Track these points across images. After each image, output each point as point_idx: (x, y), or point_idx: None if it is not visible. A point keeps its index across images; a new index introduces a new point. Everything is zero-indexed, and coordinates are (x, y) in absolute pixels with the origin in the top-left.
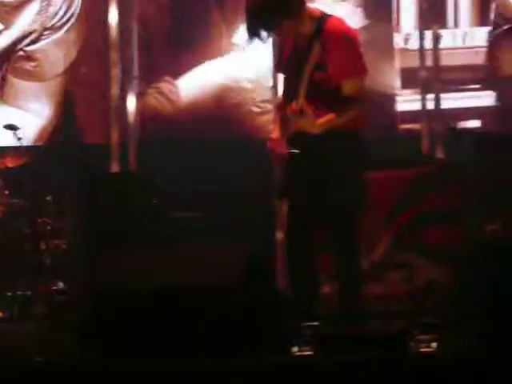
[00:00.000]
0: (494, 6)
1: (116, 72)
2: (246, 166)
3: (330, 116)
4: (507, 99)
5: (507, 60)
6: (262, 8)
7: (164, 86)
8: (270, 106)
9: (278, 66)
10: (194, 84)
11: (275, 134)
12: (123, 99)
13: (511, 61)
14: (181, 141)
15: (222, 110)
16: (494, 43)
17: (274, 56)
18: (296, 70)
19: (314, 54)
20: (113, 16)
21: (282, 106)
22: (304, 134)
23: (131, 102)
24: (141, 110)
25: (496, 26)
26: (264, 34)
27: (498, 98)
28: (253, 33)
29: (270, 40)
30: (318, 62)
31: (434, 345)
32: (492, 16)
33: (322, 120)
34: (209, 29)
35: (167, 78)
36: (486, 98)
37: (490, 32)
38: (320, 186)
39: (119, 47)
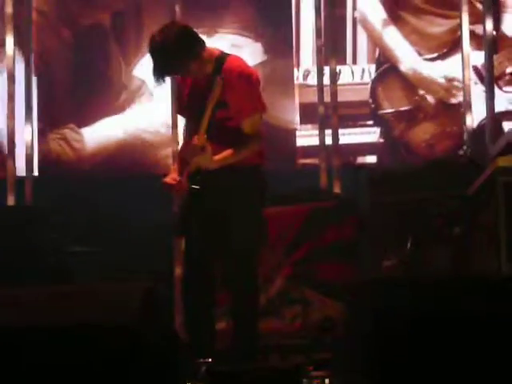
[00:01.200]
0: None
1: (13, 106)
2: (144, 202)
3: (227, 152)
4: (392, 134)
5: (388, 96)
6: (163, 51)
7: (68, 132)
8: (167, 142)
9: (178, 106)
10: (98, 133)
11: (174, 171)
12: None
13: (392, 97)
14: (80, 179)
15: (125, 154)
16: (377, 80)
17: (172, 96)
18: (196, 107)
19: (214, 92)
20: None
21: (183, 144)
22: (202, 170)
23: (30, 139)
24: (42, 151)
25: (379, 63)
26: (166, 75)
27: (384, 133)
28: (156, 75)
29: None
30: (219, 100)
31: (327, 381)
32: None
33: (218, 156)
34: (108, 64)
35: (72, 125)
36: (378, 134)
37: (376, 69)
38: (218, 221)
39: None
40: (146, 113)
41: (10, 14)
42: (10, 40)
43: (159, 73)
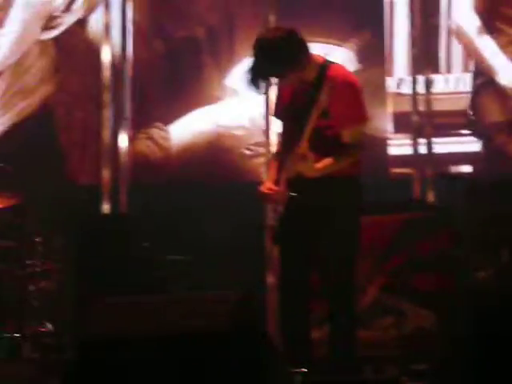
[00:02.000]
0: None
1: (108, 114)
2: (237, 209)
3: (328, 161)
4: (493, 145)
5: (487, 107)
6: (268, 60)
7: (155, 131)
8: (261, 150)
9: (277, 112)
10: (185, 130)
11: (270, 179)
12: (115, 141)
13: (491, 108)
14: (172, 185)
15: (213, 156)
16: (476, 91)
17: (266, 101)
18: (298, 115)
19: (318, 101)
20: (106, 58)
21: (279, 151)
22: (302, 179)
23: (123, 145)
24: (132, 154)
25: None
26: (264, 83)
27: (483, 144)
28: (253, 82)
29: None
30: (322, 109)
31: None
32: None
33: (320, 165)
34: (201, 73)
35: (158, 123)
36: (476, 144)
37: (472, 79)
38: (315, 230)
39: (111, 89)
40: (235, 117)
41: (106, 23)
42: (106, 48)
43: (257, 77)
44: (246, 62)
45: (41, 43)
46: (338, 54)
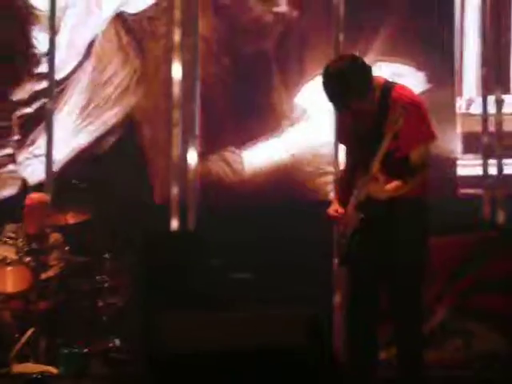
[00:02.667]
0: None
1: (178, 132)
2: (303, 228)
3: (398, 183)
4: None
5: None
6: (337, 91)
7: (228, 155)
8: (330, 168)
9: (340, 134)
10: (257, 154)
11: (336, 201)
12: (184, 159)
13: None
14: (241, 206)
15: (286, 180)
16: None
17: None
18: (365, 138)
19: (391, 124)
20: (176, 75)
21: (345, 174)
22: (372, 201)
23: (192, 163)
24: (203, 174)
25: None
26: (342, 107)
27: None
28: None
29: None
30: (395, 131)
31: None
32: None
33: (391, 187)
34: (270, 92)
35: (231, 147)
36: None
37: None
38: (386, 251)
39: (182, 107)
40: (306, 139)
41: (177, 42)
42: (177, 67)
43: (336, 103)
44: (315, 81)
45: (123, 52)
46: (407, 74)
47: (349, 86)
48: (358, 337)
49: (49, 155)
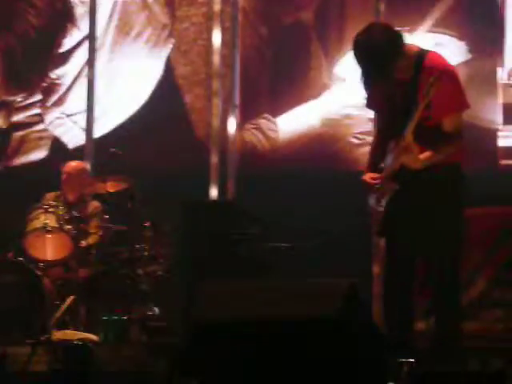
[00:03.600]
0: None
1: (218, 101)
2: (343, 198)
3: (431, 152)
4: None
5: None
6: (366, 57)
7: (263, 122)
8: (369, 138)
9: (370, 102)
10: (293, 121)
11: (369, 168)
12: (224, 129)
13: None
14: (279, 173)
15: (321, 147)
16: None
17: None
18: (397, 106)
19: (427, 93)
20: (216, 45)
21: (377, 142)
22: (406, 170)
23: (231, 132)
24: (239, 143)
25: None
26: (374, 78)
27: None
28: (364, 77)
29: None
30: (428, 100)
31: None
32: None
33: (424, 156)
34: (309, 62)
35: (267, 115)
36: None
37: None
38: (422, 219)
39: (221, 76)
40: (343, 108)
41: (217, 11)
42: (217, 36)
43: (367, 75)
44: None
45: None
46: (449, 44)
47: (377, 52)
48: (395, 306)
49: (89, 122)
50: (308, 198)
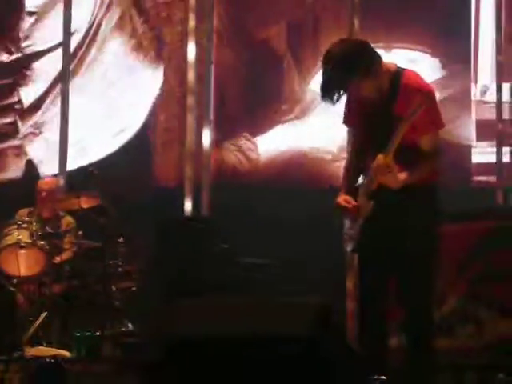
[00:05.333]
0: None
1: (192, 118)
2: (317, 215)
3: (411, 171)
4: None
5: None
6: (337, 68)
7: (243, 142)
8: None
9: (348, 119)
10: (271, 142)
11: (345, 189)
12: (199, 145)
13: None
14: (253, 188)
15: (298, 165)
16: None
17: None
18: (374, 124)
19: (412, 114)
20: (190, 62)
21: (352, 160)
22: (385, 189)
23: (206, 149)
24: (218, 161)
25: None
26: (338, 93)
27: None
28: (327, 92)
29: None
30: (410, 121)
31: None
32: None
33: (404, 175)
34: (283, 77)
35: (246, 134)
36: None
37: None
38: (394, 239)
39: (195, 93)
40: (320, 125)
41: (192, 27)
42: (192, 53)
43: (331, 90)
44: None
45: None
46: (422, 60)
47: (352, 62)
48: (369, 323)
49: (63, 140)
50: (283, 215)
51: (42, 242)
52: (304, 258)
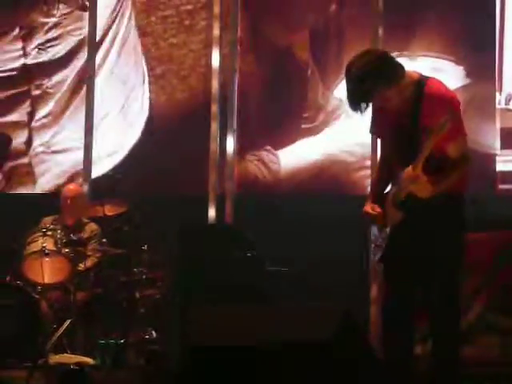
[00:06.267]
0: None
1: (216, 126)
2: (343, 221)
3: (439, 180)
4: None
5: None
6: (360, 80)
7: (265, 155)
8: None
9: (374, 128)
10: (293, 155)
11: (372, 198)
12: (222, 154)
13: None
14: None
15: (321, 177)
16: None
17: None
18: (402, 135)
19: (443, 126)
20: (214, 70)
21: (381, 170)
22: (414, 198)
23: (230, 158)
24: (241, 171)
25: None
26: (364, 104)
27: None
28: (353, 104)
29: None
30: (440, 134)
31: None
32: None
33: (433, 185)
34: (307, 93)
35: (268, 147)
36: None
37: None
38: (425, 247)
39: (219, 102)
40: (344, 133)
41: (216, 35)
42: (216, 61)
43: (356, 101)
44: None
45: None
46: (447, 69)
47: (374, 74)
48: (394, 333)
49: (87, 146)
50: (307, 223)
51: (67, 250)
52: (327, 266)
